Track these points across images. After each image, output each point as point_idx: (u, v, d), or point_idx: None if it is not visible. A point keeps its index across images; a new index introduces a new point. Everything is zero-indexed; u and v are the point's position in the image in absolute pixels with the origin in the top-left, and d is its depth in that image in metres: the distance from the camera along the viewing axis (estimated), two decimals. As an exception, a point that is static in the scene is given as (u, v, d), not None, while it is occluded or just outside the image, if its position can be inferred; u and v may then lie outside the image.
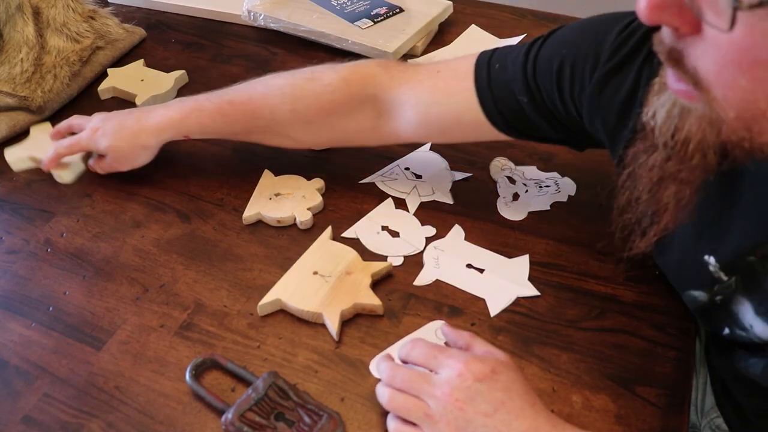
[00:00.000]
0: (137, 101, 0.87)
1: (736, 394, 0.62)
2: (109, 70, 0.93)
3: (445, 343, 0.56)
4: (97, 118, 0.73)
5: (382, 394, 0.51)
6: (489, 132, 0.63)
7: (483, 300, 0.62)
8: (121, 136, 0.71)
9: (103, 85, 0.90)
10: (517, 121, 0.61)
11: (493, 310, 0.61)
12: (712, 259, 0.51)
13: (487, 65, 0.61)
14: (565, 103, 0.57)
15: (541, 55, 0.58)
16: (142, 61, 0.95)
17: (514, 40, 0.91)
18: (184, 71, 0.92)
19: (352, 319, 0.61)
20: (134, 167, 0.74)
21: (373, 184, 0.75)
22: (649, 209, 0.49)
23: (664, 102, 0.42)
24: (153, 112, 0.72)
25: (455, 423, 0.47)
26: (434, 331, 0.59)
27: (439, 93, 0.64)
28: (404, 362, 0.54)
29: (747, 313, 0.50)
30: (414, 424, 0.49)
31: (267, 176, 0.75)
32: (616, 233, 0.53)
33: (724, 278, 0.50)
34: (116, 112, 0.74)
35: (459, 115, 0.63)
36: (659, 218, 0.49)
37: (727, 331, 0.53)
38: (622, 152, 0.51)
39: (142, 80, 0.90)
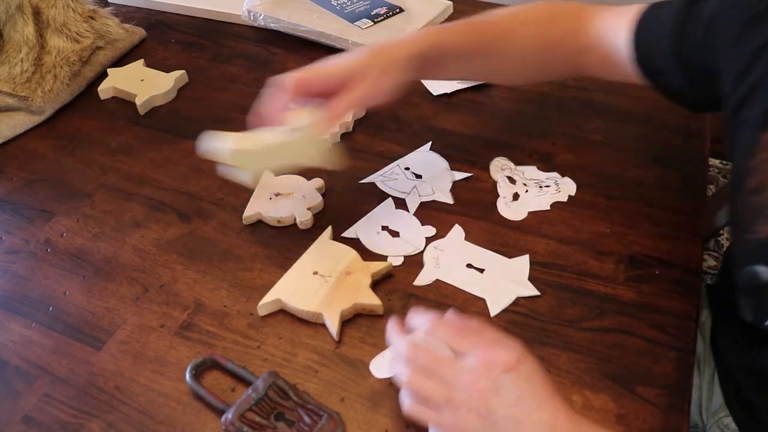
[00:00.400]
0: (137, 101, 0.87)
1: (748, 390, 0.61)
2: (109, 70, 0.93)
3: None
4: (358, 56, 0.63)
5: (401, 372, 0.50)
6: (630, 71, 0.66)
7: (483, 300, 0.62)
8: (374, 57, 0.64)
9: (103, 85, 0.90)
10: (657, 63, 0.63)
11: (493, 310, 0.61)
12: None
13: (651, 9, 0.64)
14: (710, 53, 0.57)
15: (701, 7, 0.59)
16: (142, 61, 0.95)
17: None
18: (184, 71, 0.92)
19: (352, 319, 0.61)
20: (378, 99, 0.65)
21: (373, 184, 0.75)
22: None
23: None
24: (401, 41, 0.66)
25: (477, 411, 0.47)
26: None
27: (614, 28, 0.67)
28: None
29: None
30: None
31: (267, 176, 0.75)
32: (743, 213, 0.52)
33: None
34: (366, 51, 0.64)
35: (617, 50, 0.66)
36: None
37: None
38: (758, 136, 0.50)
39: (142, 80, 0.90)
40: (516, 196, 0.72)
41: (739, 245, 0.54)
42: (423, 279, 0.64)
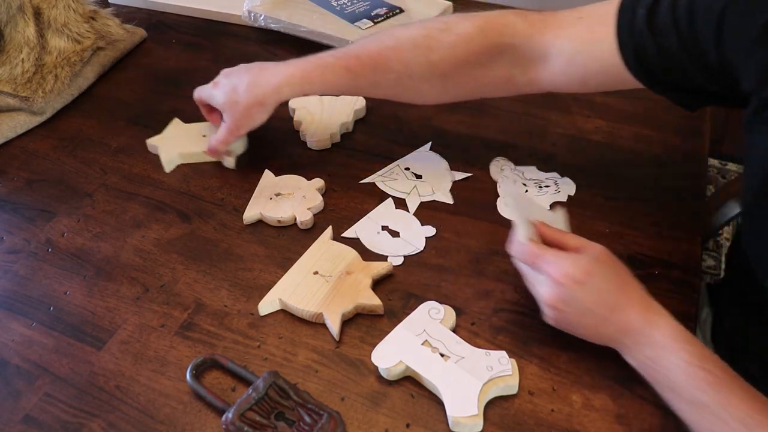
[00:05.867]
0: (232, 157, 0.78)
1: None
2: (160, 146, 0.80)
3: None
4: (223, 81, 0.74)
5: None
6: (626, 80, 0.62)
7: (483, 300, 0.62)
8: (236, 94, 0.71)
9: (167, 157, 0.79)
10: (656, 67, 0.59)
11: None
12: None
13: (631, 10, 0.59)
14: (722, 49, 0.54)
15: (698, 1, 0.55)
16: (176, 120, 0.85)
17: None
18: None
19: (352, 319, 0.61)
20: (250, 129, 0.74)
21: (373, 184, 0.75)
22: None
23: None
24: (271, 69, 0.71)
25: (556, 315, 0.54)
26: (427, 311, 0.59)
27: (581, 40, 0.62)
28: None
29: None
30: None
31: (267, 176, 0.75)
32: None
33: None
34: (235, 70, 0.75)
35: (600, 62, 0.62)
36: None
37: None
38: None
39: (204, 136, 0.81)
40: (516, 196, 0.72)
41: None
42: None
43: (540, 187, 0.73)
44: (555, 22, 0.64)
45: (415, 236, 0.68)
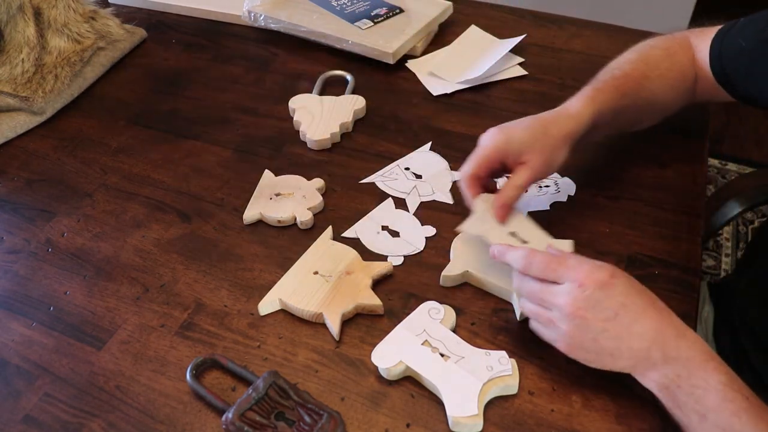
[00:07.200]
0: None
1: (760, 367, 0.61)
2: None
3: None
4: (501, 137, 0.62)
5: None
6: (720, 93, 0.69)
7: (483, 300, 0.62)
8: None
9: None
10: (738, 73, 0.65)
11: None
12: None
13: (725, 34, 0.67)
14: None
15: None
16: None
17: (514, 41, 0.91)
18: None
19: (352, 319, 0.61)
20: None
21: (373, 184, 0.75)
22: None
23: None
24: (562, 116, 0.64)
25: (577, 329, 0.50)
26: (427, 311, 0.59)
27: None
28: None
29: None
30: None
31: (267, 176, 0.75)
32: None
33: None
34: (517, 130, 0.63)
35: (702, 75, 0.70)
36: None
37: None
38: None
39: None
40: (516, 196, 0.72)
41: None
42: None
43: (540, 187, 0.73)
44: (700, 38, 0.71)
45: (415, 236, 0.68)
